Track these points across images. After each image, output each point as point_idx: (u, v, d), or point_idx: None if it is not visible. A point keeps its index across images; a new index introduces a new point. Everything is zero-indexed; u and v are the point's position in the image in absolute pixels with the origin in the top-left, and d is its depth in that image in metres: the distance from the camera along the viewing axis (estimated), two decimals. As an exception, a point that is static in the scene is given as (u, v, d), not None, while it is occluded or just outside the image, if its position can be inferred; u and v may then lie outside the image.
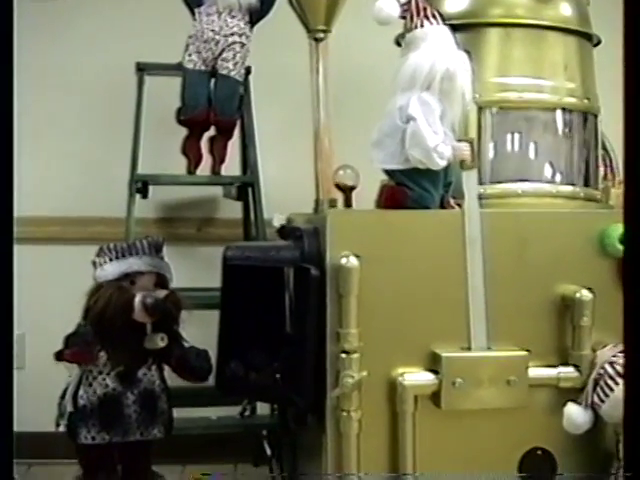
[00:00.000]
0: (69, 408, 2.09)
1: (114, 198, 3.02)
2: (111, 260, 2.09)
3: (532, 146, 2.30)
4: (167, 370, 2.20)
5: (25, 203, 3.36)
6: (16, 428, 3.42)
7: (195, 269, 3.19)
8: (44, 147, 3.41)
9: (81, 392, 2.08)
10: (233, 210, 3.25)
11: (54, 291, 3.06)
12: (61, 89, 3.40)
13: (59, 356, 2.07)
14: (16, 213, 3.41)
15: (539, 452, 2.01)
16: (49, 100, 3.40)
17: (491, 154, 2.28)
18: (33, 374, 3.38)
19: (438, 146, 1.94)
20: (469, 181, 2.03)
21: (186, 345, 2.15)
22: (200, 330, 2.19)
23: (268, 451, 3.00)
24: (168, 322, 2.08)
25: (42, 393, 2.81)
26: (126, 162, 2.92)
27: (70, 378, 2.13)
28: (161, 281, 2.12)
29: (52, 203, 3.39)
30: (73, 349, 2.05)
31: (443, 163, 1.96)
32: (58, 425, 2.14)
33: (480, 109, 2.27)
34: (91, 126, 3.40)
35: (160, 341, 2.06)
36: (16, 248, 3.47)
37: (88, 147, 3.41)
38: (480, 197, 2.21)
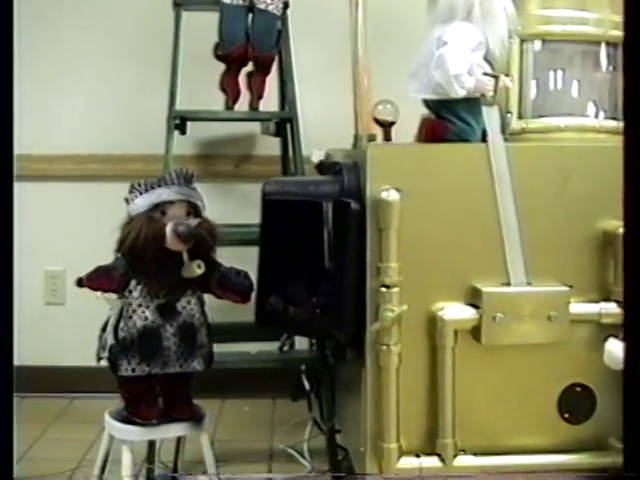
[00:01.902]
0: (110, 341, 2.10)
1: (153, 135, 3.02)
2: (141, 194, 2.09)
3: (575, 80, 2.25)
4: (208, 305, 2.21)
5: (65, 141, 3.40)
6: (57, 363, 3.50)
7: (233, 206, 3.19)
8: (83, 86, 3.42)
9: (121, 325, 2.09)
10: (271, 147, 3.24)
11: (94, 228, 3.07)
12: (99, 27, 3.39)
13: (79, 282, 2.09)
14: (57, 151, 3.46)
15: (578, 388, 2.01)
16: (87, 38, 3.40)
17: (533, 88, 2.24)
18: (73, 310, 3.43)
19: (461, 75, 1.92)
20: (490, 117, 2.01)
21: (224, 268, 2.15)
22: (239, 266, 2.19)
23: (306, 386, 3.02)
24: (203, 249, 2.07)
25: (82, 328, 2.84)
26: (164, 99, 2.91)
27: (111, 311, 2.14)
28: (193, 210, 2.11)
29: (91, 141, 3.41)
30: (93, 275, 2.07)
31: (462, 92, 1.94)
32: (99, 358, 2.15)
33: (522, 42, 2.23)
34: (129, 63, 3.40)
35: (197, 268, 2.05)
36: (57, 185, 3.54)
37: (126, 85, 3.41)
38: (522, 132, 2.19)
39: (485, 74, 1.97)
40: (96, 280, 2.09)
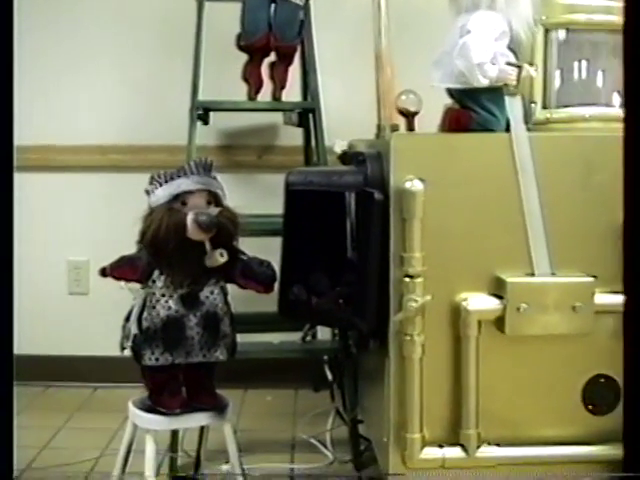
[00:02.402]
0: (133, 330, 2.11)
1: (175, 126, 3.03)
2: (161, 185, 2.09)
3: (600, 70, 2.24)
4: (231, 295, 2.21)
5: (89, 132, 3.41)
6: (80, 352, 3.53)
7: (255, 196, 3.20)
8: (106, 76, 3.43)
9: (145, 314, 2.10)
10: (294, 137, 3.25)
11: (117, 218, 3.07)
12: (122, 17, 3.40)
13: (103, 272, 2.09)
14: (81, 142, 3.48)
15: (603, 379, 2.00)
16: (109, 29, 3.41)
17: (557, 78, 2.23)
18: (96, 300, 3.45)
19: (484, 64, 1.91)
20: (513, 107, 1.99)
21: (247, 258, 2.15)
22: (262, 257, 2.19)
23: (329, 376, 3.03)
24: (225, 237, 2.07)
25: (105, 318, 2.86)
26: (187, 89, 2.91)
27: (134, 301, 2.15)
28: (213, 198, 2.11)
29: (115, 132, 3.42)
30: (117, 265, 2.08)
31: (485, 82, 1.92)
32: (123, 348, 2.16)
33: (547, 31, 2.21)
34: (152, 54, 3.41)
35: (220, 257, 2.06)
36: (79, 176, 3.56)
37: (149, 75, 3.42)
38: (546, 122, 2.18)
39: (508, 63, 1.96)
40: (120, 270, 2.10)
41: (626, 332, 1.36)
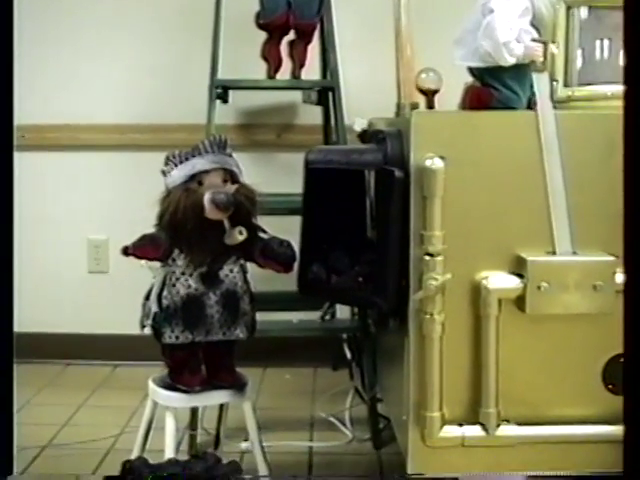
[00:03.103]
0: (153, 308, 2.11)
1: (195, 105, 3.03)
2: (176, 166, 2.09)
3: (621, 48, 2.21)
4: (250, 274, 2.21)
5: (109, 111, 3.42)
6: (100, 331, 3.55)
7: (275, 175, 3.20)
8: (124, 55, 3.44)
9: (165, 293, 2.10)
10: (313, 116, 3.24)
11: (137, 197, 3.08)
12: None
13: (125, 251, 2.09)
14: (99, 121, 3.49)
15: (623, 359, 1.99)
16: (128, 8, 3.41)
17: (579, 56, 2.21)
18: (116, 278, 3.47)
19: (509, 42, 1.89)
20: (540, 84, 1.97)
21: (267, 237, 2.15)
22: (282, 236, 2.19)
23: (348, 355, 3.03)
24: (243, 215, 2.07)
25: (125, 296, 2.87)
26: (206, 68, 2.91)
27: (154, 279, 2.15)
28: (230, 176, 2.10)
29: (134, 110, 3.43)
30: (139, 244, 2.08)
31: (512, 60, 1.91)
32: (143, 326, 2.16)
33: (568, 9, 2.19)
34: (171, 32, 3.41)
35: (239, 235, 2.05)
36: (99, 155, 3.57)
37: (168, 54, 3.42)
38: (568, 100, 2.16)
39: (534, 40, 1.94)
40: (142, 249, 2.09)
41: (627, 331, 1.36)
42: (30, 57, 3.18)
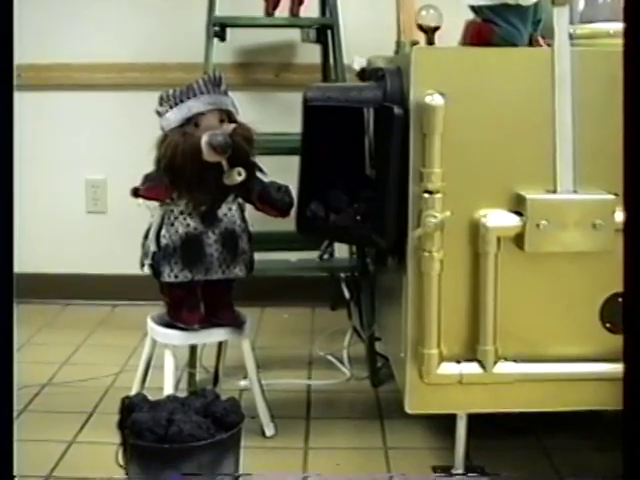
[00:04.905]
0: (152, 247, 2.11)
1: (192, 43, 3.00)
2: (171, 107, 2.07)
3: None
4: (248, 214, 2.21)
5: (106, 50, 3.38)
6: (99, 271, 3.55)
7: (273, 115, 3.18)
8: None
9: (163, 232, 2.10)
10: (312, 54, 3.21)
11: (134, 136, 3.06)
12: None
13: (135, 192, 2.07)
14: (97, 60, 3.45)
15: (621, 298, 1.99)
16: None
17: (581, -7, 2.18)
18: (115, 218, 3.46)
19: None
20: (560, 18, 1.94)
21: (266, 180, 2.14)
22: (280, 176, 2.19)
23: (346, 294, 3.04)
24: (241, 155, 2.06)
25: (124, 236, 2.87)
26: (203, 5, 2.88)
27: (152, 218, 2.15)
28: (226, 116, 2.09)
29: (131, 49, 3.39)
30: (147, 185, 2.06)
31: None
32: (142, 265, 2.16)
33: (571, -55, 2.16)
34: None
35: (238, 175, 2.05)
36: (96, 94, 3.54)
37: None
38: (570, 37, 2.13)
39: None
40: (154, 189, 2.07)
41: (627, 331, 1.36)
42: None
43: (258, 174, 2.15)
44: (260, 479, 1.94)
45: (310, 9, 2.99)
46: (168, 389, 2.13)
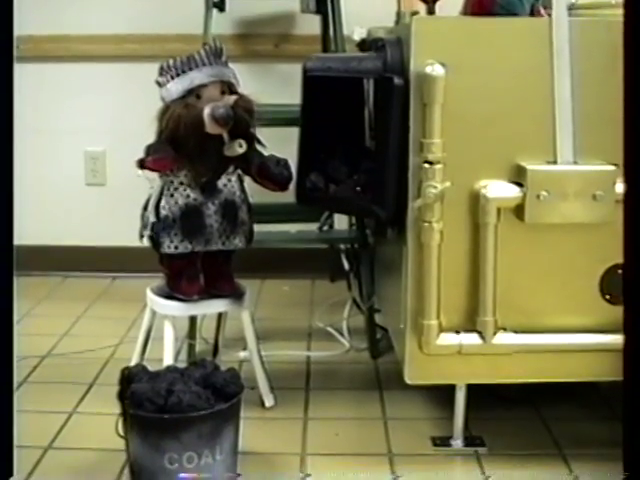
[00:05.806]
0: (152, 218, 2.11)
1: (191, 14, 2.99)
2: (172, 78, 2.06)
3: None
4: (248, 186, 2.20)
5: (104, 21, 3.36)
6: (98, 243, 3.55)
7: (272, 86, 3.16)
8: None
9: (163, 203, 2.09)
10: (311, 25, 3.19)
11: (133, 108, 3.06)
12: None
13: (141, 163, 2.06)
14: (95, 31, 3.43)
15: (621, 269, 1.99)
16: None
17: (583, -38, 2.16)
18: (114, 190, 3.46)
19: None
20: None
21: (265, 154, 2.13)
22: (279, 147, 2.18)
23: (346, 266, 3.04)
24: (243, 126, 2.05)
25: (123, 208, 2.86)
26: (202, -26, 2.86)
27: (152, 190, 2.14)
28: (228, 88, 2.08)
29: (129, 20, 3.38)
30: (154, 156, 2.05)
31: None
32: (142, 236, 2.16)
33: None
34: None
35: (239, 147, 2.04)
36: (95, 66, 3.52)
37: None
38: (571, 7, 2.11)
39: None
40: (159, 161, 2.06)
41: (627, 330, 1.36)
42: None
43: (258, 147, 2.14)
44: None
45: (310, -21, 2.97)
46: (168, 360, 2.14)
